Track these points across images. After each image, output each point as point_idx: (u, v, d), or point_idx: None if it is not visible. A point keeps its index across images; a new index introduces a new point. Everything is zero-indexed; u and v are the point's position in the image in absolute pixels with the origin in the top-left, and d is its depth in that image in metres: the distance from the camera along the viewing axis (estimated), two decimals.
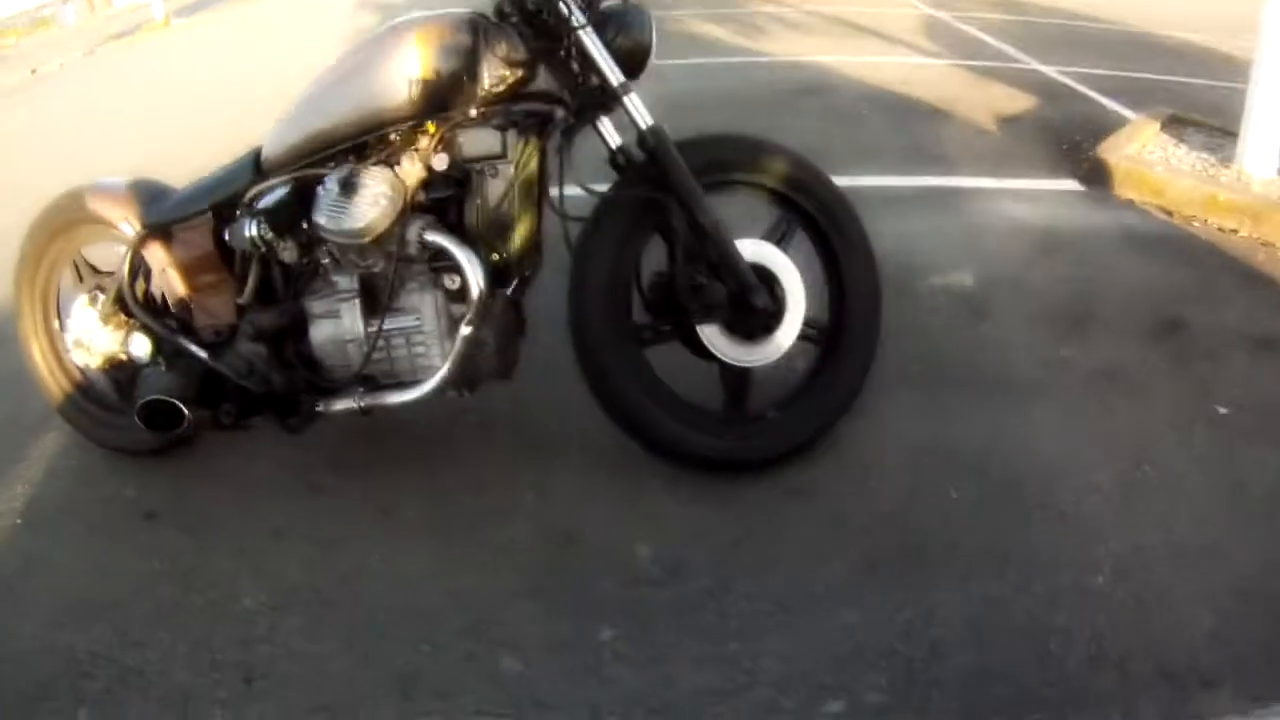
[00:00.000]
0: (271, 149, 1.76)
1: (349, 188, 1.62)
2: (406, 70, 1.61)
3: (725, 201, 1.82)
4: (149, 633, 1.61)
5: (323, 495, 1.92)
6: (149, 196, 1.90)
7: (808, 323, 1.84)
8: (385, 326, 1.72)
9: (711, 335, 1.76)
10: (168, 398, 1.75)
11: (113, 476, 2.07)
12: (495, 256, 1.70)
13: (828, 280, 1.90)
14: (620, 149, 1.74)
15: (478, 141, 1.67)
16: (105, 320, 1.92)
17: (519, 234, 1.75)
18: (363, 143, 1.67)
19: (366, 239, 1.63)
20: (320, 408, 1.81)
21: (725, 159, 1.82)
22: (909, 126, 4.15)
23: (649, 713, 1.37)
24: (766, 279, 1.76)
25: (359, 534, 1.80)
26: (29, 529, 1.94)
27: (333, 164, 1.68)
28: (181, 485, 2.00)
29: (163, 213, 1.84)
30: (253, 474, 1.99)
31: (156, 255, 1.87)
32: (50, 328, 2.06)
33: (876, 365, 1.96)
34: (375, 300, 1.73)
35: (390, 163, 1.67)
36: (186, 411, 1.75)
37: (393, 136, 1.66)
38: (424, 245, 1.66)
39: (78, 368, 2.04)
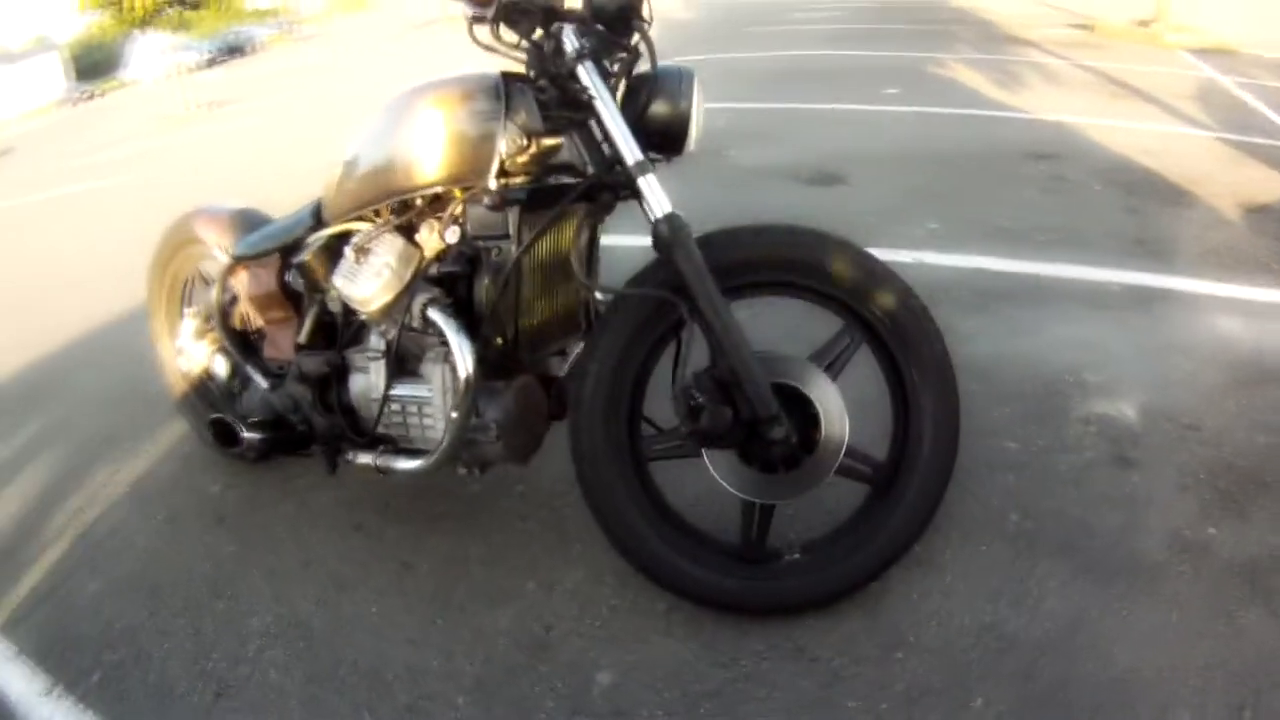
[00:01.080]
0: (325, 199, 1.81)
1: (362, 253, 1.64)
2: (420, 135, 1.55)
3: (781, 307, 1.64)
4: (170, 624, 1.81)
5: (358, 535, 2.01)
6: (245, 226, 2.06)
7: (855, 456, 1.58)
8: (397, 392, 1.73)
9: (720, 463, 1.55)
10: (227, 419, 1.89)
11: (208, 473, 2.29)
12: (500, 340, 1.64)
13: (893, 407, 1.61)
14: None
15: (482, 218, 1.59)
16: (198, 335, 2.12)
17: (535, 315, 1.67)
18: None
19: (370, 308, 1.65)
20: (350, 457, 1.86)
21: (764, 257, 1.57)
22: (1138, 207, 3.55)
23: None
24: (798, 403, 1.52)
25: (372, 582, 1.85)
26: (128, 501, 2.26)
27: (376, 218, 1.70)
28: (258, 497, 2.20)
29: (245, 246, 1.99)
30: (318, 501, 2.14)
31: (239, 284, 2.02)
32: (172, 330, 2.32)
33: (965, 505, 1.68)
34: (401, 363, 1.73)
35: (410, 229, 1.66)
36: (244, 435, 1.87)
37: (417, 201, 1.64)
38: (426, 320, 1.62)
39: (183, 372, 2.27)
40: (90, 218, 6.21)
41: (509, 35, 1.50)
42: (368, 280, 1.64)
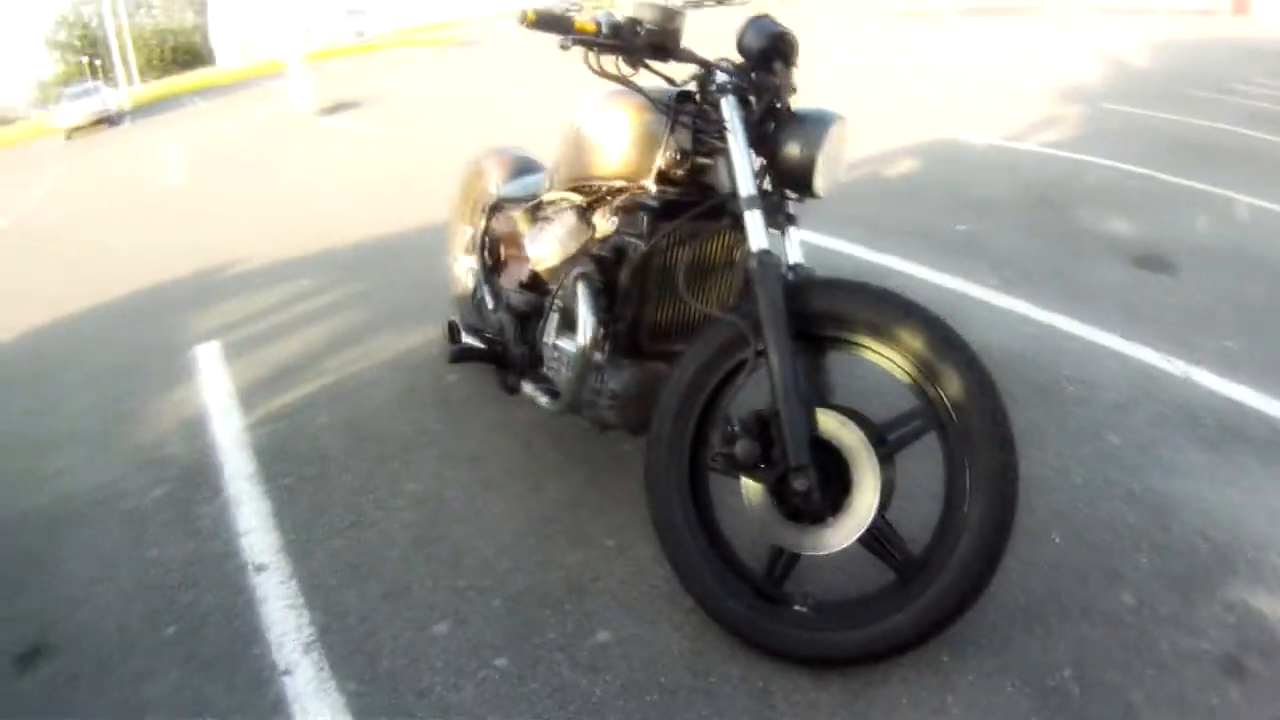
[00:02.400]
0: (550, 169, 2.15)
1: (546, 220, 1.97)
2: (603, 132, 1.82)
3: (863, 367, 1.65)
4: (353, 465, 2.47)
5: (524, 450, 2.45)
6: (518, 171, 2.51)
7: (885, 536, 1.58)
8: (554, 341, 2.06)
9: (753, 495, 1.62)
10: (456, 321, 2.42)
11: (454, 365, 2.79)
12: (624, 325, 1.87)
13: (943, 504, 1.55)
14: (793, 265, 1.71)
15: (627, 216, 1.83)
16: (466, 251, 2.67)
17: (655, 311, 1.88)
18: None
19: (540, 267, 1.98)
20: (521, 385, 2.27)
21: (849, 314, 1.56)
22: None
23: None
24: (837, 463, 1.54)
25: (509, 490, 2.28)
26: (386, 366, 3.06)
27: (574, 194, 2.00)
28: (480, 394, 2.76)
29: (506, 189, 2.45)
30: (515, 414, 2.60)
31: (496, 220, 2.50)
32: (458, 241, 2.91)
33: (1024, 637, 1.61)
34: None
35: (587, 210, 1.94)
36: (462, 337, 2.39)
37: (601, 187, 1.90)
38: (575, 288, 1.90)
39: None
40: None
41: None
42: (543, 243, 2.00)
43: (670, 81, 1.77)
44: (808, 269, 1.72)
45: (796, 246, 1.75)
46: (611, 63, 1.65)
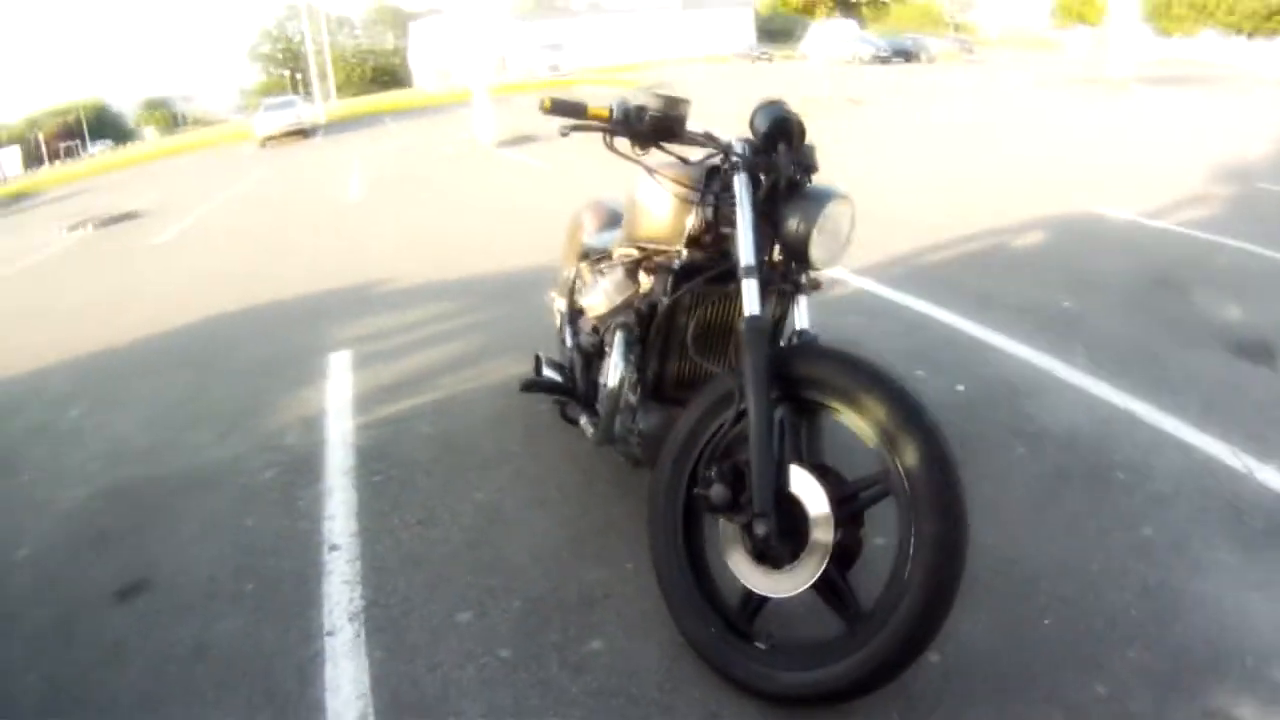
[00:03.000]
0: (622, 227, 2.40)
1: (599, 274, 2.22)
2: (646, 198, 2.06)
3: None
4: (443, 456, 2.81)
5: (584, 477, 2.69)
6: (609, 222, 2.76)
7: (837, 589, 1.69)
8: (601, 380, 2.30)
9: (728, 537, 1.76)
10: (541, 356, 2.73)
11: None
12: (651, 374, 2.09)
13: (894, 560, 1.60)
14: (799, 331, 1.88)
15: (659, 276, 2.06)
16: (560, 292, 2.96)
17: (675, 363, 2.10)
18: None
19: (590, 315, 2.24)
20: (579, 418, 2.53)
21: (825, 379, 1.67)
22: None
23: None
24: (797, 515, 1.66)
25: (567, 504, 2.54)
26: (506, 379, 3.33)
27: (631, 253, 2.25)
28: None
29: (591, 238, 2.71)
30: (585, 445, 2.77)
31: (581, 266, 2.78)
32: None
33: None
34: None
35: (635, 268, 2.19)
36: (543, 369, 2.70)
37: (649, 248, 2.14)
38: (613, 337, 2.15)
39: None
40: None
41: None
42: (596, 294, 2.28)
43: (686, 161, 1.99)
44: (812, 335, 1.88)
45: (804, 313, 1.91)
46: (625, 145, 1.88)
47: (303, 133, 24.56)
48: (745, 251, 1.79)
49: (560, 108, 1.78)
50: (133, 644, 2.11)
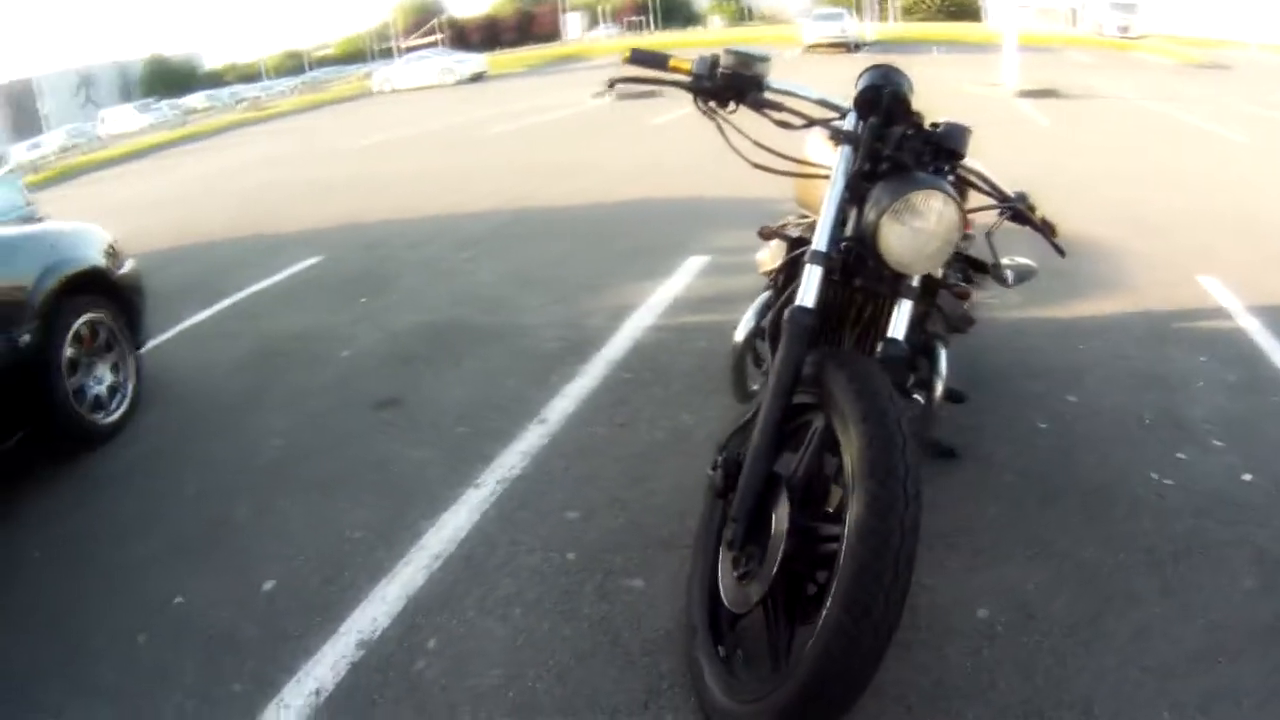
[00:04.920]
0: None
1: (767, 238, 2.14)
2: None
3: None
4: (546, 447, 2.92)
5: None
6: None
7: (775, 617, 1.51)
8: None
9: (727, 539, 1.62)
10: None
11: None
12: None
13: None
14: (888, 339, 1.67)
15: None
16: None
17: None
18: None
19: (759, 270, 2.23)
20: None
21: (833, 390, 1.46)
22: None
23: None
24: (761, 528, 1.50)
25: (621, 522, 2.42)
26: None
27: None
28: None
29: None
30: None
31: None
32: None
33: None
34: None
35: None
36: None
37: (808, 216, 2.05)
38: None
39: None
40: None
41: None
42: (763, 253, 2.27)
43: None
44: (901, 347, 1.58)
45: (904, 319, 1.60)
46: (710, 105, 1.72)
47: (845, 46, 24.83)
48: (821, 236, 1.57)
49: (641, 58, 1.70)
50: (359, 436, 2.85)
